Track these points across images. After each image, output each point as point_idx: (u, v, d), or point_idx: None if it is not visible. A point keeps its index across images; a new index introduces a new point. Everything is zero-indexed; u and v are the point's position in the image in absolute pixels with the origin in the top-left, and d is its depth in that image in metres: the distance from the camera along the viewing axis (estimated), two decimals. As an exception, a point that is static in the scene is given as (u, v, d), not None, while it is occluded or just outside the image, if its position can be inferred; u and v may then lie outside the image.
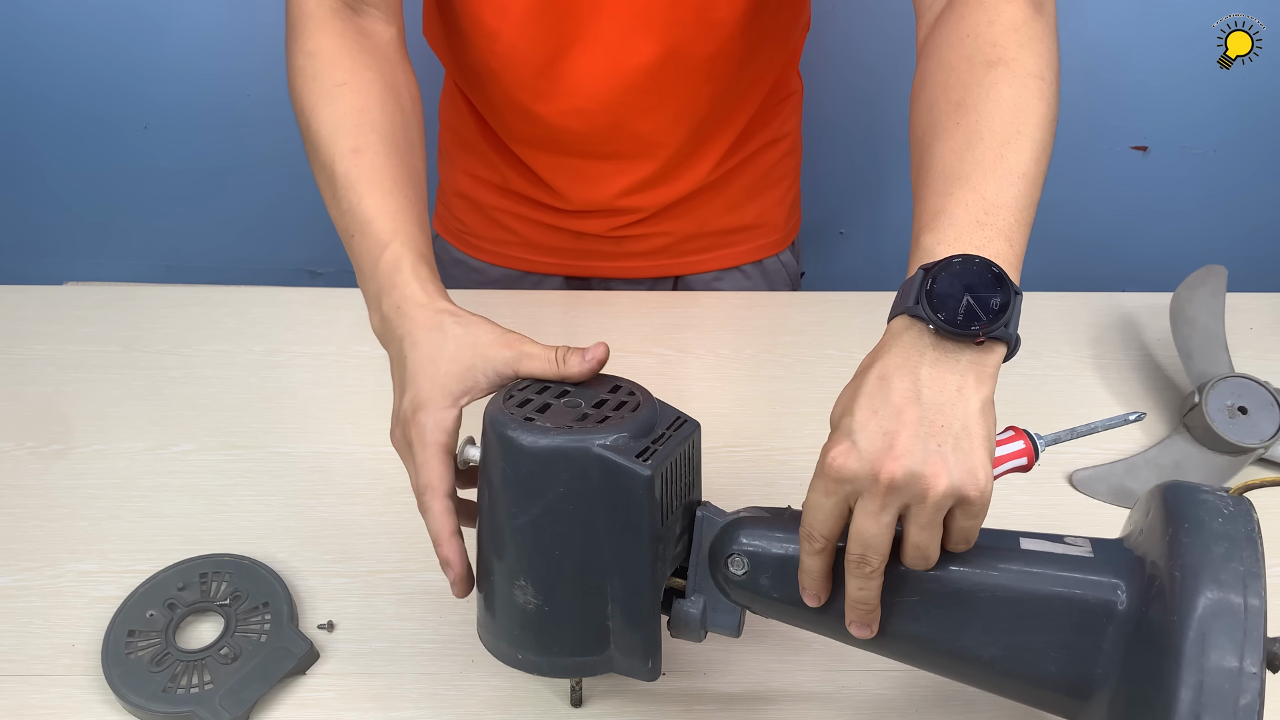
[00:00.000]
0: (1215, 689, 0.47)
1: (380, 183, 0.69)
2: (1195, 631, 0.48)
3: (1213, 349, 0.89)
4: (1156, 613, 0.51)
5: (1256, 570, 0.50)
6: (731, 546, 0.59)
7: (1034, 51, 0.64)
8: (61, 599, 0.75)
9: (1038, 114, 0.62)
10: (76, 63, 1.41)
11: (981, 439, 0.52)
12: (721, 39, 0.88)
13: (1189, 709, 0.47)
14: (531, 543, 0.59)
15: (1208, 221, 1.53)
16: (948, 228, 0.57)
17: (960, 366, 0.53)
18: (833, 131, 1.42)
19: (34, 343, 0.97)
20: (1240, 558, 0.50)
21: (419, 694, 0.69)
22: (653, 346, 0.98)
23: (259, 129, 1.46)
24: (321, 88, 0.73)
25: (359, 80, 0.73)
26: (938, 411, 0.52)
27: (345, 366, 0.95)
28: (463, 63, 0.94)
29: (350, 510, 0.82)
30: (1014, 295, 0.54)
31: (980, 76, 0.63)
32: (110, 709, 0.68)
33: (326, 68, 0.74)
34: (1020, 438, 0.58)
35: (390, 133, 0.72)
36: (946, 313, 0.53)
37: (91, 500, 0.82)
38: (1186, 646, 0.48)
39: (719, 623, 0.61)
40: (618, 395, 0.61)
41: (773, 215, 1.09)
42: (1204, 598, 0.49)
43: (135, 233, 1.60)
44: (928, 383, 0.53)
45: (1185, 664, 0.48)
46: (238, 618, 0.72)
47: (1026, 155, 0.60)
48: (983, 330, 0.53)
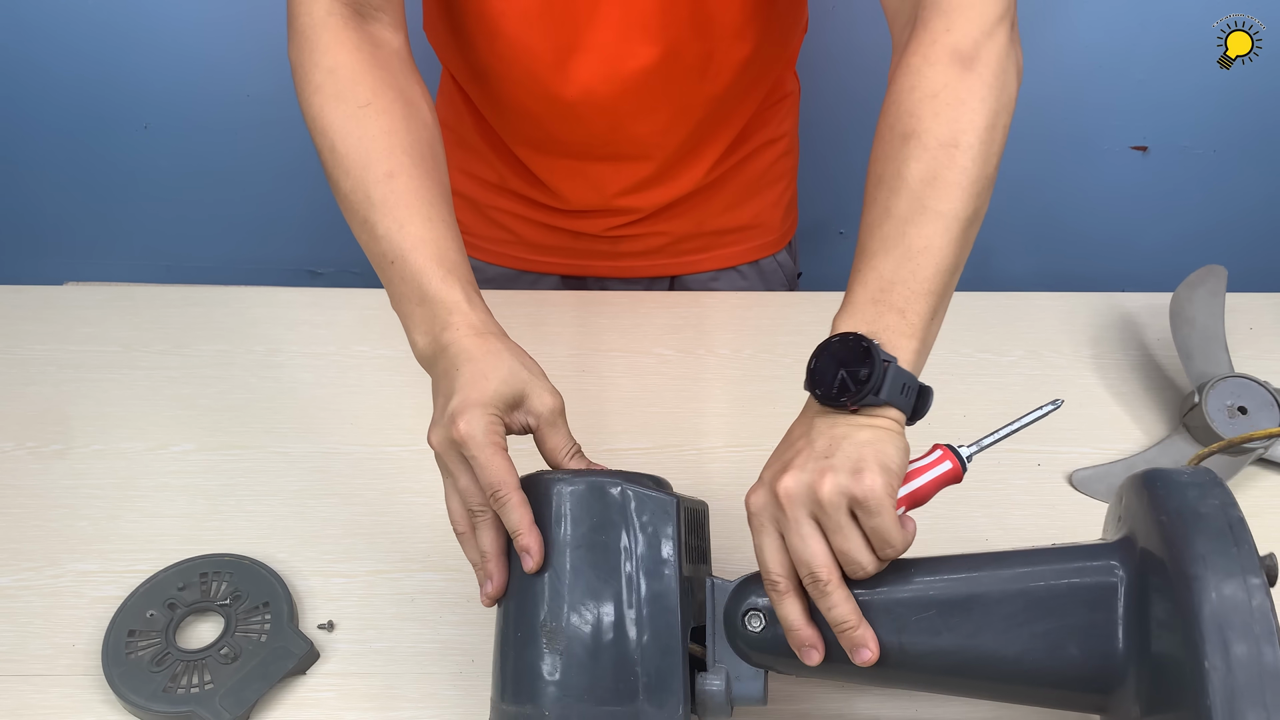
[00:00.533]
0: (1229, 603, 0.49)
1: (419, 209, 0.70)
2: (1197, 566, 0.51)
3: (1212, 349, 0.89)
4: (1155, 577, 0.53)
5: (1230, 499, 0.53)
6: (745, 604, 0.60)
7: (949, 119, 0.63)
8: (62, 599, 0.75)
9: (947, 184, 0.62)
10: (76, 63, 1.41)
11: (872, 453, 0.57)
12: (719, 41, 0.88)
13: (1212, 627, 0.49)
14: (561, 585, 0.59)
15: (1207, 221, 1.53)
16: (847, 307, 0.62)
17: (850, 423, 0.59)
18: (832, 131, 1.42)
19: (34, 343, 0.97)
20: (1213, 493, 0.54)
21: (419, 694, 0.69)
22: (652, 346, 0.98)
23: (259, 129, 1.46)
24: (347, 110, 0.73)
25: (383, 100, 0.73)
26: (828, 443, 0.58)
27: (345, 366, 0.95)
28: (464, 60, 0.94)
29: (350, 510, 0.82)
30: (880, 364, 0.58)
31: (896, 150, 0.64)
32: (110, 709, 0.68)
33: (349, 87, 0.73)
34: (939, 448, 0.61)
35: (420, 154, 0.73)
36: (822, 388, 0.59)
37: (92, 500, 0.82)
38: (1192, 576, 0.50)
39: (744, 693, 0.62)
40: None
41: (769, 216, 1.09)
42: (1196, 535, 0.52)
43: (135, 233, 1.60)
44: (820, 428, 0.60)
45: (1196, 591, 0.50)
46: (238, 618, 0.72)
47: (929, 229, 0.62)
48: (849, 401, 0.58)
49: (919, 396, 0.60)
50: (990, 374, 0.94)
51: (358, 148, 0.72)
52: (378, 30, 0.78)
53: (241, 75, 1.41)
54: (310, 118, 0.74)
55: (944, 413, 0.89)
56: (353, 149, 0.72)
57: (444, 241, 0.69)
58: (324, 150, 0.73)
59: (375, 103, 0.73)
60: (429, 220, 0.70)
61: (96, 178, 1.53)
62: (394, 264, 0.69)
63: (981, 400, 0.91)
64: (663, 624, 0.59)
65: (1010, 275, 1.56)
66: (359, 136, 0.72)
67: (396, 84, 0.75)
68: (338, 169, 0.72)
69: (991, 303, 1.02)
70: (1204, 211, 1.52)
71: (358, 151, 0.71)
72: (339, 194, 0.73)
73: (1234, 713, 0.48)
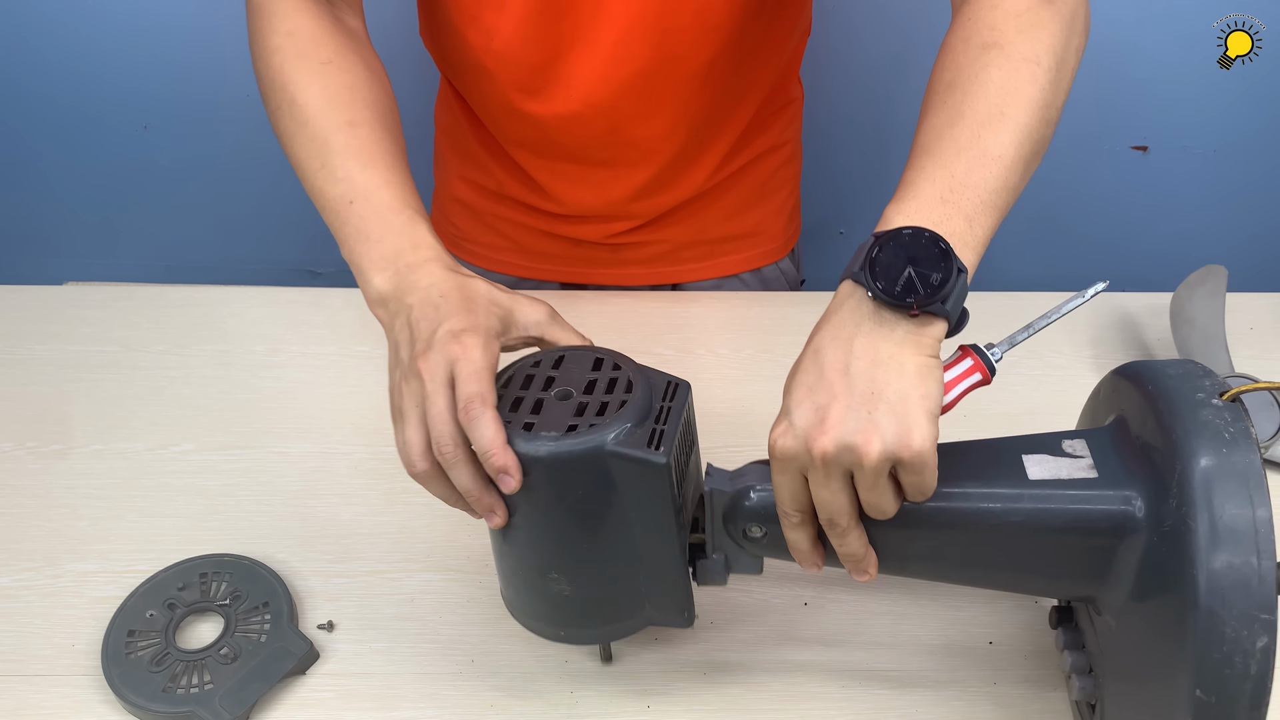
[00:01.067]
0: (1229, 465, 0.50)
1: (382, 157, 0.69)
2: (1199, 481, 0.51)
3: (1213, 349, 0.89)
4: (1172, 518, 0.52)
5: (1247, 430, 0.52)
6: (746, 518, 0.60)
7: (1033, 37, 0.64)
8: (61, 599, 0.75)
9: (1026, 98, 0.62)
10: (76, 63, 1.41)
11: (918, 399, 0.54)
12: (718, 43, 0.88)
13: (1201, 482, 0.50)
14: (557, 541, 0.60)
15: (1208, 221, 1.53)
16: (910, 199, 0.58)
17: (896, 336, 0.55)
18: (834, 133, 1.42)
19: (34, 343, 0.97)
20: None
21: (418, 694, 0.69)
22: (653, 346, 0.98)
23: (259, 129, 1.44)
24: (307, 65, 0.72)
25: (345, 60, 0.73)
26: (868, 380, 0.54)
27: (345, 367, 0.95)
28: (459, 62, 0.94)
29: (350, 510, 0.81)
30: (956, 273, 0.54)
31: (973, 58, 0.63)
32: (110, 709, 0.68)
33: (310, 45, 0.73)
34: (966, 355, 0.59)
35: (381, 112, 0.72)
36: (885, 282, 0.54)
37: (91, 500, 0.82)
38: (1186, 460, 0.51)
39: (742, 566, 0.64)
40: (604, 372, 0.61)
41: (771, 223, 1.09)
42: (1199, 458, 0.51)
43: (135, 233, 1.60)
44: (859, 353, 0.54)
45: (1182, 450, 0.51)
46: (238, 618, 0.72)
47: (1006, 138, 0.60)
48: (917, 303, 0.54)
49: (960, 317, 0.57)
50: (990, 374, 0.94)
51: (320, 97, 0.71)
52: (339, 13, 0.78)
53: (241, 75, 1.40)
54: (267, 79, 0.73)
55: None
56: (314, 99, 0.71)
57: (407, 189, 0.68)
58: (282, 105, 0.72)
59: (337, 61, 0.72)
60: (391, 168, 0.69)
61: (96, 178, 1.53)
62: (353, 204, 0.67)
63: (982, 399, 0.90)
64: (663, 554, 0.60)
65: (1010, 275, 1.56)
66: (321, 88, 0.71)
67: (359, 52, 0.75)
68: (294, 120, 0.71)
69: (992, 302, 1.02)
70: (1204, 211, 1.52)
71: (319, 100, 0.71)
72: (295, 144, 0.71)
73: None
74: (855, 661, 0.71)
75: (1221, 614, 0.48)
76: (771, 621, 0.73)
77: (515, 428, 0.57)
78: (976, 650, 0.71)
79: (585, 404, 0.59)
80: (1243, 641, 0.48)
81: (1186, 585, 0.49)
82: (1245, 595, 0.48)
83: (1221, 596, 0.48)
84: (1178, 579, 0.50)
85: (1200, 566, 0.49)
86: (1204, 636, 0.48)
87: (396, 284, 0.64)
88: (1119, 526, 0.55)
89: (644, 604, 0.63)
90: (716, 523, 0.61)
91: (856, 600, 0.74)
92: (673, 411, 0.59)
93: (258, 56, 0.75)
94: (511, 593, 0.65)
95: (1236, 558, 0.48)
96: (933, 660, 0.71)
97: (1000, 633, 0.72)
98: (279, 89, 0.72)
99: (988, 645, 0.71)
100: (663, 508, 0.58)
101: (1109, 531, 0.55)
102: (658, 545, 0.60)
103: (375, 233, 0.66)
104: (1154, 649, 0.53)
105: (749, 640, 0.72)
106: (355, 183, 0.68)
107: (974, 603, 0.73)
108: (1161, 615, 0.52)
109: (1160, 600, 0.52)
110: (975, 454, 0.59)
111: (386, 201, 0.67)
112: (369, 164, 0.68)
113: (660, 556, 0.60)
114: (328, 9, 0.77)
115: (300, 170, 0.71)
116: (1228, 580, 0.48)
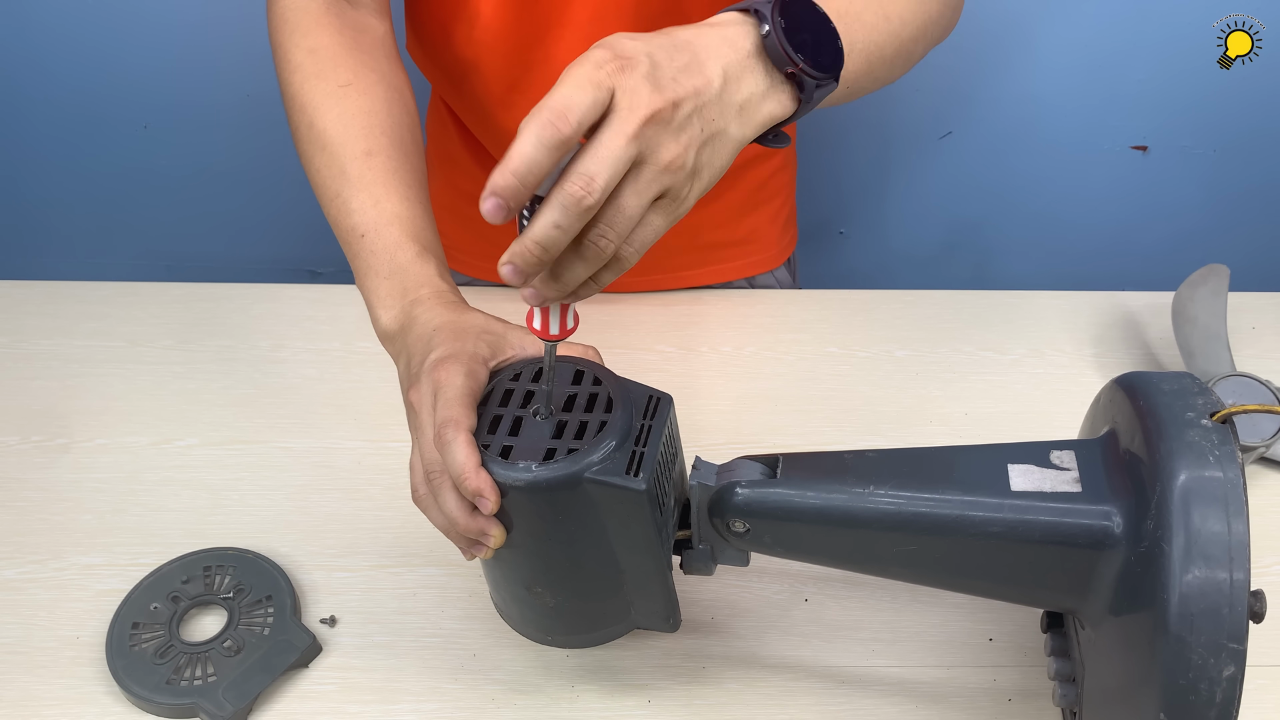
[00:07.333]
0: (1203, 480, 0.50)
1: (396, 187, 0.70)
2: (1179, 492, 0.50)
3: (1214, 348, 0.89)
4: (1151, 531, 0.52)
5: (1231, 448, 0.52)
6: (730, 513, 0.60)
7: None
8: (66, 592, 0.75)
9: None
10: (76, 63, 1.41)
11: (714, 56, 0.52)
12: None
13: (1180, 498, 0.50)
14: (540, 560, 0.61)
15: (1208, 221, 1.54)
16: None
17: (753, 80, 0.53)
18: (834, 133, 1.42)
19: (39, 337, 0.97)
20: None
21: (421, 688, 0.70)
22: (654, 344, 0.98)
23: (259, 129, 1.46)
24: (327, 87, 0.73)
25: (363, 82, 0.74)
26: (688, 47, 0.52)
27: (348, 363, 0.95)
28: (446, 62, 0.93)
29: (353, 505, 0.82)
30: (837, 77, 0.55)
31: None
32: (114, 700, 0.68)
33: (330, 67, 0.74)
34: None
35: (399, 136, 0.73)
36: (788, 21, 0.52)
37: (96, 494, 0.82)
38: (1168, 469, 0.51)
39: (728, 558, 0.64)
40: (584, 386, 0.60)
41: (765, 232, 1.08)
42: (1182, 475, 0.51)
43: (134, 233, 1.60)
44: (697, 36, 0.53)
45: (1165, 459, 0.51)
46: (241, 611, 0.72)
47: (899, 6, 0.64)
48: (806, 63, 0.52)
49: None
50: (992, 372, 0.94)
51: (336, 124, 0.71)
52: (361, 16, 0.78)
53: (241, 75, 1.42)
54: (289, 95, 0.74)
55: (945, 411, 0.90)
56: (331, 125, 0.71)
57: (419, 220, 0.69)
58: (301, 126, 0.73)
59: (356, 83, 0.73)
60: (405, 199, 0.69)
61: (96, 178, 1.53)
62: (364, 238, 0.68)
63: (983, 399, 0.91)
64: (647, 566, 0.60)
65: (1011, 275, 1.57)
66: (338, 114, 0.72)
67: (378, 68, 0.75)
68: (313, 144, 0.72)
69: (993, 301, 1.03)
70: (1204, 211, 1.53)
71: (336, 128, 0.71)
72: (312, 168, 0.72)
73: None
74: (855, 657, 0.71)
75: (1190, 640, 0.48)
76: (772, 618, 0.74)
77: (493, 453, 0.56)
78: (976, 647, 0.72)
79: (564, 423, 0.57)
80: (1209, 669, 0.48)
81: (1158, 608, 0.49)
82: (1215, 623, 0.48)
83: (1190, 623, 0.48)
84: (1150, 600, 0.50)
85: (1172, 591, 0.48)
86: (1171, 662, 0.48)
87: (401, 322, 0.66)
88: (1097, 542, 0.54)
89: (630, 610, 0.64)
90: (701, 516, 0.61)
91: (857, 597, 0.75)
92: (653, 431, 0.58)
93: (280, 69, 0.76)
94: (500, 600, 0.67)
95: (1208, 585, 0.48)
96: (933, 656, 0.71)
97: (1000, 629, 0.73)
98: (299, 109, 0.74)
99: (988, 642, 0.72)
100: (643, 529, 0.57)
101: (1087, 546, 0.54)
102: (640, 561, 0.60)
103: (383, 269, 0.67)
104: (1127, 666, 0.53)
105: (750, 636, 0.72)
106: (367, 216, 0.69)
107: (974, 599, 0.73)
108: (1135, 633, 0.52)
109: (1134, 618, 0.52)
110: (961, 461, 0.59)
111: (395, 238, 0.68)
112: (382, 198, 0.69)
113: (642, 570, 0.60)
114: (350, 22, 0.76)
115: (318, 193, 0.72)
116: (1198, 607, 0.48)
